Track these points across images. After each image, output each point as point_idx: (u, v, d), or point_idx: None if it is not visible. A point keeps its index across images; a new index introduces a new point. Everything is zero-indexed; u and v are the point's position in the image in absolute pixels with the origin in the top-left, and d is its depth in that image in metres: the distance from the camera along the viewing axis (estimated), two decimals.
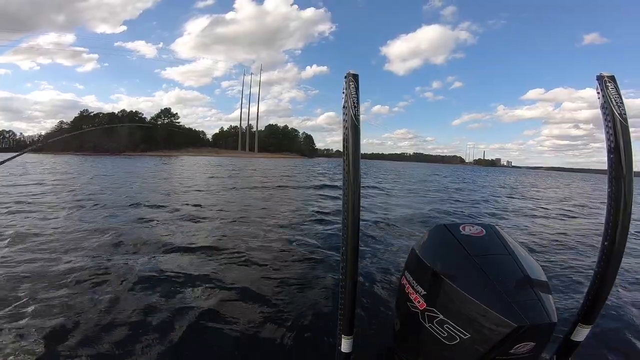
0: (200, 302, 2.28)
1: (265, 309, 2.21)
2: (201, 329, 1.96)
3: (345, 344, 1.09)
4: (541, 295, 0.98)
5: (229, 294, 2.43)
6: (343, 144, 1.01)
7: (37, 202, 6.18)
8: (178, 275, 2.74)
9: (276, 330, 1.98)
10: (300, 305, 2.28)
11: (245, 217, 5.52)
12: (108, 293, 2.35)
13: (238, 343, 1.85)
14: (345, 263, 1.02)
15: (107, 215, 5.30)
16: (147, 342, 1.81)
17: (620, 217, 0.98)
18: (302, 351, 1.81)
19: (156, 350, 1.75)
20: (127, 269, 2.81)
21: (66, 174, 14.33)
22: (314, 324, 2.04)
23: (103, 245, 3.52)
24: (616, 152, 0.96)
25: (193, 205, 6.52)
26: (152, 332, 1.91)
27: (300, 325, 2.03)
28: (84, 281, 2.53)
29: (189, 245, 3.65)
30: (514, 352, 0.96)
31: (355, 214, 0.99)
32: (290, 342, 1.88)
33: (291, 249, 3.64)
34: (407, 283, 1.22)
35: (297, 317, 2.12)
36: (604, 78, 0.97)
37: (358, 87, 1.01)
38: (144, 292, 2.40)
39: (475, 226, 1.24)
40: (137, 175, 14.82)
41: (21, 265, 2.83)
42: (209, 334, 1.91)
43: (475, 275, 1.04)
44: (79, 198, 6.93)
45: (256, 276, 2.77)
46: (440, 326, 1.06)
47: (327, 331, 1.92)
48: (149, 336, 1.86)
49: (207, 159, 47.79)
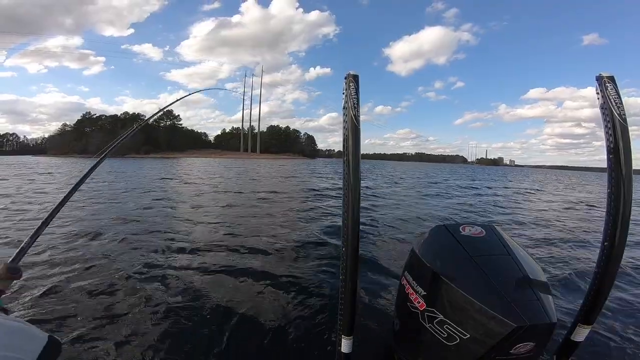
0: (200, 302, 2.29)
1: (265, 309, 2.22)
2: (201, 328, 1.97)
3: (345, 344, 1.09)
4: (541, 295, 0.98)
5: (228, 294, 2.44)
6: (343, 145, 1.01)
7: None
8: (178, 275, 2.77)
9: (276, 330, 1.98)
10: (301, 306, 2.28)
11: (245, 217, 5.54)
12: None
13: (238, 343, 1.85)
14: (345, 263, 1.02)
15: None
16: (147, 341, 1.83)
17: (620, 217, 0.97)
18: (302, 351, 1.81)
19: (156, 350, 1.77)
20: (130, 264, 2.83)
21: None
22: (314, 324, 2.04)
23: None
24: (616, 152, 0.96)
25: (191, 207, 6.53)
26: (154, 331, 1.93)
27: (300, 325, 2.03)
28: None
29: (188, 245, 3.68)
30: (514, 352, 0.96)
31: (355, 214, 0.99)
32: (291, 342, 1.88)
33: (291, 249, 3.64)
34: (407, 283, 1.22)
35: (298, 317, 2.12)
36: (604, 79, 0.97)
37: (358, 88, 1.01)
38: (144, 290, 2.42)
39: (475, 227, 1.24)
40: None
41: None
42: (209, 334, 1.91)
43: (475, 276, 1.04)
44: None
45: (256, 276, 2.78)
46: (440, 326, 1.06)
47: (327, 331, 1.93)
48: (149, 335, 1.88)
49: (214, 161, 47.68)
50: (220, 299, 2.33)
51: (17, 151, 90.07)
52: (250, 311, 2.18)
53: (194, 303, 2.27)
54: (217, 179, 14.62)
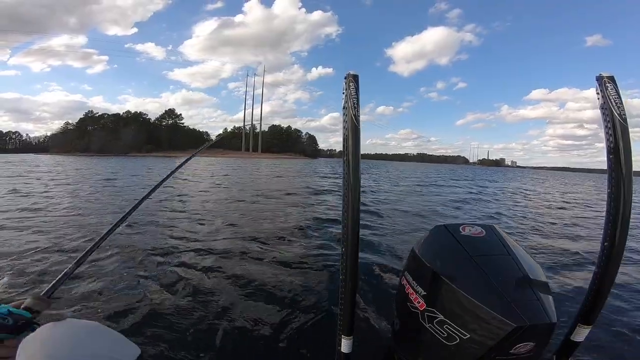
0: (198, 301, 2.29)
1: (265, 309, 2.22)
2: (200, 328, 1.97)
3: (345, 344, 1.09)
4: (541, 295, 0.98)
5: (228, 294, 2.44)
6: (343, 145, 1.00)
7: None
8: (174, 273, 2.78)
9: (276, 330, 1.98)
10: (300, 306, 2.29)
11: (244, 218, 5.54)
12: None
13: (238, 343, 1.86)
14: (345, 263, 1.02)
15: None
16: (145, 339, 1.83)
17: (620, 218, 0.97)
18: (302, 351, 1.81)
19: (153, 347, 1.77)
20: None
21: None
22: (314, 324, 2.05)
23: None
24: (616, 152, 0.96)
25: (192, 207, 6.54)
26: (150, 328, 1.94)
27: (300, 325, 2.03)
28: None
29: (187, 245, 3.69)
30: (513, 352, 0.96)
31: (355, 215, 0.99)
32: (290, 342, 1.88)
33: (291, 249, 3.65)
34: (407, 283, 1.22)
35: (297, 317, 2.12)
36: (604, 79, 0.97)
37: (358, 88, 1.01)
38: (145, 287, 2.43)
39: (475, 227, 1.24)
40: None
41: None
42: (208, 334, 1.92)
43: (475, 276, 1.04)
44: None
45: (256, 276, 2.78)
46: (440, 326, 1.06)
47: (327, 331, 1.93)
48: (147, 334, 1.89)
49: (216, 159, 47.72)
50: (218, 298, 2.34)
51: (19, 149, 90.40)
52: (250, 310, 2.19)
53: (191, 302, 2.28)
54: (217, 178, 14.66)
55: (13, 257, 3.03)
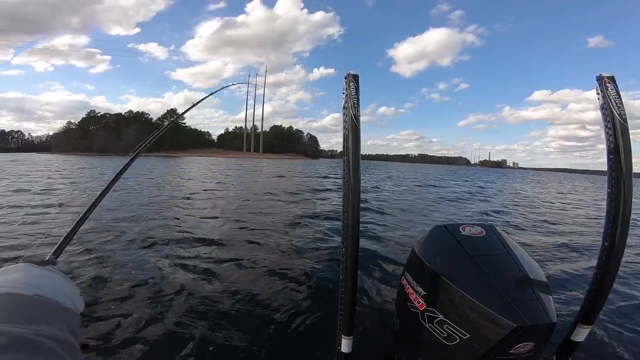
0: (198, 301, 2.29)
1: (265, 309, 2.22)
2: (200, 328, 1.97)
3: (345, 344, 1.10)
4: (541, 295, 0.98)
5: (228, 294, 2.44)
6: (343, 144, 1.01)
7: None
8: (175, 273, 2.78)
9: (276, 330, 1.99)
10: (300, 306, 2.29)
11: (245, 218, 5.55)
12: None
13: (238, 343, 1.86)
14: (345, 263, 1.02)
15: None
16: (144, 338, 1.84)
17: (620, 218, 0.97)
18: (302, 351, 1.82)
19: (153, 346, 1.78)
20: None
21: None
22: (314, 324, 2.05)
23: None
24: (616, 152, 0.96)
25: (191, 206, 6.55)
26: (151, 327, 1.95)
27: (300, 326, 2.03)
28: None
29: (186, 244, 3.70)
30: (513, 352, 0.96)
31: (355, 215, 0.99)
32: (291, 342, 1.89)
33: (291, 249, 3.65)
34: (407, 283, 1.22)
35: (297, 318, 2.12)
36: (604, 79, 0.97)
37: (358, 88, 1.01)
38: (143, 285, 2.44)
39: (475, 227, 1.24)
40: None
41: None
42: (208, 334, 1.92)
43: (475, 276, 1.04)
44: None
45: (256, 276, 2.79)
46: (440, 326, 1.06)
47: (327, 331, 1.93)
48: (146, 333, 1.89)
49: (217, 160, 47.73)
50: (218, 298, 2.34)
51: (21, 148, 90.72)
52: (250, 310, 2.19)
53: (191, 300, 2.28)
54: (219, 177, 14.69)
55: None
